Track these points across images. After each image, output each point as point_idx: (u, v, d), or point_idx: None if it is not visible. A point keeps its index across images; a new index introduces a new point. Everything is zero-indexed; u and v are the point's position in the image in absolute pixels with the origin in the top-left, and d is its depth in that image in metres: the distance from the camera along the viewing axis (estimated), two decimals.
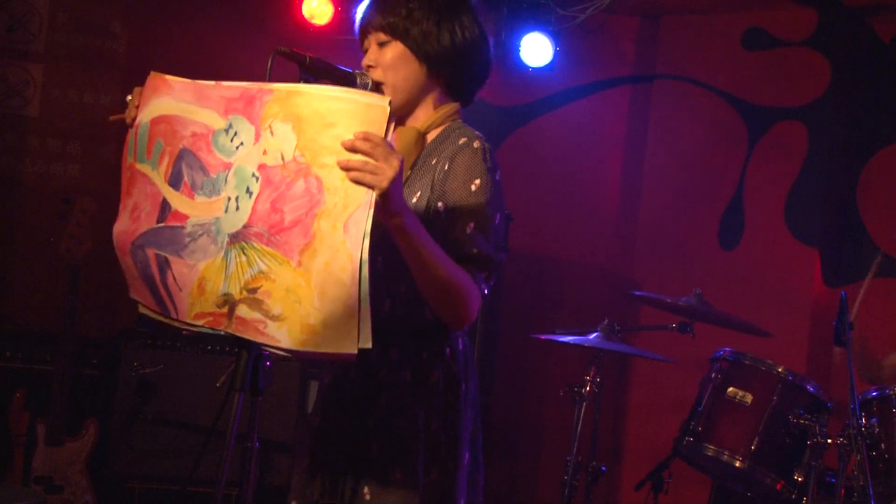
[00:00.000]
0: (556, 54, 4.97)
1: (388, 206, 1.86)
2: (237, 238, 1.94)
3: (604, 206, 5.43)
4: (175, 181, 2.03)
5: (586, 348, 4.00)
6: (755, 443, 3.76)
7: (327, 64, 2.13)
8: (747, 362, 3.89)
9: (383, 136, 1.84)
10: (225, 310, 1.94)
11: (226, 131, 1.98)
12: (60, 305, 4.05)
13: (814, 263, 4.92)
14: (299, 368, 4.32)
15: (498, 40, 4.82)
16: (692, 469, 4.16)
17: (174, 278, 2.01)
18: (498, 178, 2.17)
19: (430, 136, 2.26)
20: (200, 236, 1.98)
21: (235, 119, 1.97)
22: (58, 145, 4.84)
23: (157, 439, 4.21)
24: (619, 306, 5.09)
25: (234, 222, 1.94)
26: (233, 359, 1.99)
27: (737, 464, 3.77)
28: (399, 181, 1.85)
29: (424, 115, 2.26)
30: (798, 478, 3.70)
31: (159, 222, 2.04)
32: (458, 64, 2.24)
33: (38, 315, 4.61)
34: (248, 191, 1.93)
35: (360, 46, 2.28)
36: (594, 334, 4.02)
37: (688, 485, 4.48)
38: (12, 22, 4.79)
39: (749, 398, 3.81)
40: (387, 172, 1.82)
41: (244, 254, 1.92)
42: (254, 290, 1.90)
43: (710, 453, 3.83)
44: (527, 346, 4.97)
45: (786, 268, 4.97)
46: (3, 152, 4.79)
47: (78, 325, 4.03)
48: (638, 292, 4.49)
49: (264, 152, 1.92)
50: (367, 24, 2.23)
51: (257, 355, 1.98)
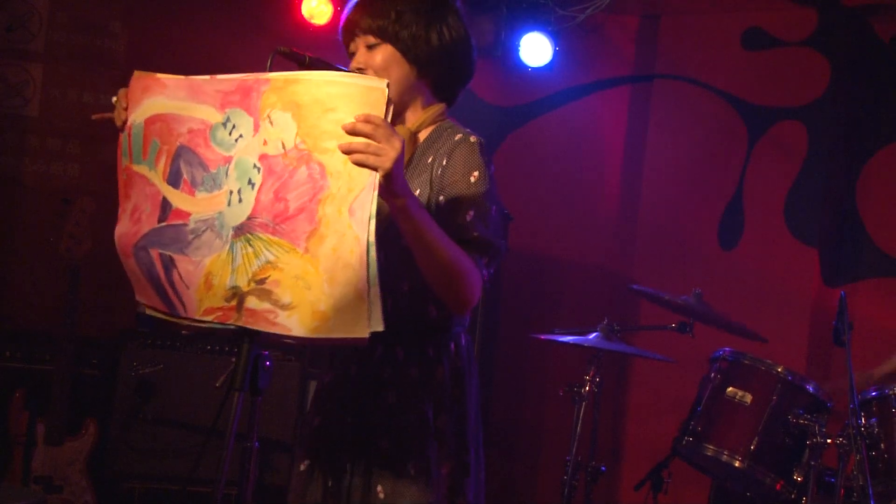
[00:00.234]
0: (555, 54, 4.97)
1: (392, 187, 1.87)
2: (242, 230, 1.94)
3: (603, 206, 5.42)
4: (174, 179, 2.03)
5: (586, 348, 4.00)
6: (755, 443, 3.75)
7: (327, 63, 2.14)
8: (747, 362, 3.88)
9: (384, 118, 1.85)
10: (234, 303, 1.94)
11: (223, 125, 1.98)
12: (60, 305, 4.06)
13: (813, 263, 4.92)
14: (299, 368, 4.32)
15: (497, 40, 4.82)
16: (692, 469, 4.16)
17: (180, 276, 2.01)
18: (492, 171, 2.20)
19: (422, 136, 2.27)
20: (204, 232, 1.99)
21: (233, 112, 1.97)
22: (57, 145, 4.84)
23: (156, 439, 4.21)
24: (619, 306, 5.09)
25: (238, 215, 1.95)
26: (232, 358, 1.99)
27: (736, 464, 3.76)
28: (401, 162, 1.86)
29: (413, 116, 2.28)
30: (797, 478, 3.70)
31: (161, 222, 2.04)
32: (445, 65, 2.26)
33: (38, 315, 4.61)
34: (250, 182, 1.94)
35: (344, 48, 2.28)
36: (594, 334, 4.02)
37: (687, 485, 4.48)
38: (12, 21, 4.79)
39: (748, 398, 3.81)
40: (389, 153, 1.83)
41: (250, 245, 1.93)
42: (262, 281, 1.91)
43: (709, 453, 3.83)
44: (526, 346, 4.97)
45: (785, 267, 4.97)
46: (2, 152, 4.79)
47: (78, 325, 4.03)
48: (637, 286, 4.48)
49: (264, 142, 1.93)
50: (355, 26, 2.22)
51: (257, 355, 1.98)
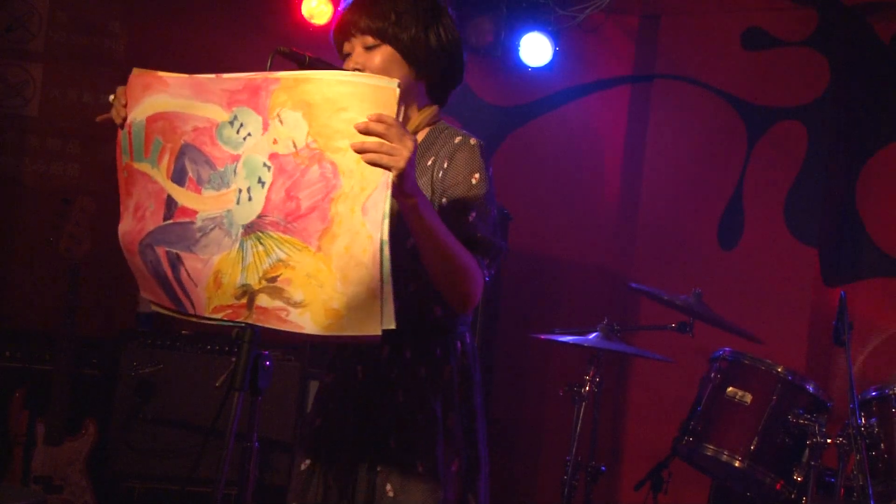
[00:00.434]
0: (555, 54, 4.97)
1: (404, 187, 1.88)
2: (252, 228, 1.95)
3: (603, 206, 5.42)
4: (179, 177, 2.03)
5: (586, 348, 4.00)
6: (754, 442, 3.76)
7: (327, 63, 2.14)
8: (747, 362, 3.89)
9: (396, 118, 1.86)
10: (244, 301, 1.95)
11: (230, 123, 1.98)
12: (60, 305, 4.05)
13: (813, 263, 4.92)
14: (299, 368, 4.32)
15: (497, 40, 4.82)
16: (691, 469, 4.16)
17: (188, 274, 2.01)
18: (491, 173, 2.23)
19: (419, 137, 2.28)
20: (212, 230, 1.99)
21: (240, 111, 1.97)
22: (57, 145, 4.84)
23: (156, 439, 4.21)
24: (619, 306, 5.09)
25: (248, 213, 1.95)
26: (232, 358, 1.99)
27: (736, 463, 3.76)
28: (413, 161, 1.88)
29: (410, 118, 2.29)
30: (797, 477, 3.70)
31: (166, 219, 2.04)
32: (442, 66, 2.27)
33: (38, 315, 4.61)
34: (260, 181, 1.94)
35: (337, 48, 2.28)
36: (593, 334, 4.02)
37: (687, 484, 4.48)
38: (12, 21, 4.79)
39: (748, 398, 3.81)
40: (402, 153, 1.84)
41: (261, 243, 1.94)
42: (273, 279, 1.92)
43: (709, 453, 3.83)
44: (526, 346, 4.97)
45: (785, 267, 4.97)
46: (2, 152, 4.79)
47: (77, 325, 4.03)
48: (636, 284, 4.48)
49: (274, 141, 1.93)
50: (352, 26, 2.22)
51: (257, 355, 1.98)
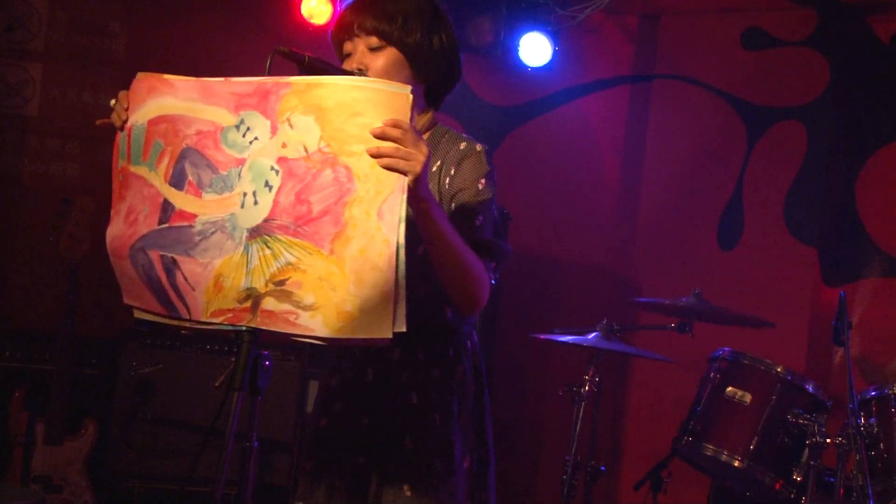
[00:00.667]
0: (555, 54, 4.97)
1: (418, 192, 1.90)
2: (258, 232, 1.94)
3: (603, 206, 5.42)
4: (177, 181, 2.02)
5: (585, 348, 4.00)
6: (754, 442, 3.76)
7: (326, 63, 2.13)
8: (746, 362, 3.89)
9: (410, 123, 1.87)
10: (247, 304, 1.95)
11: (237, 127, 1.97)
12: (60, 305, 4.06)
13: (813, 263, 4.92)
14: (299, 368, 4.32)
15: (497, 40, 4.81)
16: (691, 469, 4.16)
17: (185, 278, 2.00)
18: (496, 176, 2.26)
19: None
20: (213, 234, 1.98)
21: (248, 114, 1.96)
22: (57, 145, 4.84)
23: (156, 439, 4.21)
24: (619, 306, 5.09)
25: (254, 217, 1.95)
26: (232, 358, 1.99)
27: (736, 463, 3.77)
28: (428, 167, 1.89)
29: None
30: (797, 477, 3.70)
31: (161, 223, 2.03)
32: (443, 71, 2.28)
33: (38, 315, 4.61)
34: (266, 184, 1.94)
35: (336, 46, 2.27)
36: (593, 334, 4.02)
37: (687, 484, 4.48)
38: (11, 21, 4.79)
39: (748, 398, 3.81)
40: (418, 158, 1.86)
41: (268, 247, 1.93)
42: (281, 283, 1.92)
43: (708, 453, 3.83)
44: (526, 346, 4.97)
45: (785, 267, 4.97)
46: (2, 152, 4.79)
47: (77, 325, 4.04)
48: (640, 298, 4.50)
49: (283, 145, 1.93)
50: (356, 26, 2.21)
51: (256, 355, 1.97)
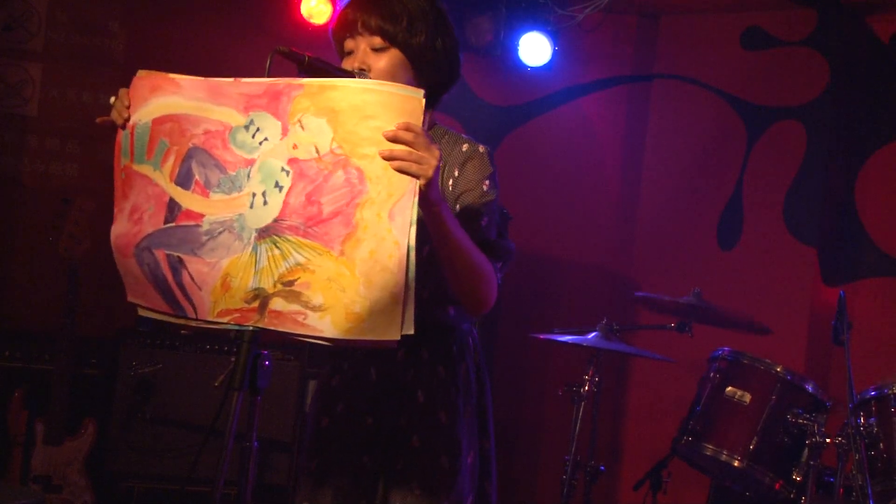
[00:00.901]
0: (554, 54, 4.97)
1: (430, 195, 1.91)
2: (267, 232, 1.95)
3: (602, 206, 5.42)
4: (184, 180, 2.02)
5: (585, 348, 4.00)
6: (754, 442, 3.76)
7: (326, 63, 2.13)
8: (746, 362, 3.89)
9: (422, 126, 1.88)
10: (255, 304, 1.95)
11: (246, 128, 1.97)
12: (59, 305, 4.05)
13: (812, 263, 4.92)
14: (298, 368, 4.32)
15: (496, 40, 4.81)
16: (691, 468, 4.16)
17: (192, 278, 2.00)
18: (497, 177, 2.27)
19: None
20: (220, 233, 1.98)
21: (258, 115, 1.97)
22: (56, 145, 4.83)
23: (155, 438, 4.21)
24: (618, 306, 5.09)
25: (263, 217, 1.95)
26: (231, 358, 1.99)
27: (735, 463, 3.77)
28: (439, 170, 1.90)
29: None
30: (796, 477, 3.70)
31: (168, 223, 2.03)
32: (444, 72, 2.28)
33: (37, 314, 4.61)
34: (277, 185, 1.94)
35: (337, 43, 2.27)
36: (593, 334, 4.03)
37: (686, 484, 4.48)
38: (11, 21, 4.79)
39: (747, 397, 3.81)
40: (430, 161, 1.87)
41: (277, 247, 1.94)
42: (290, 283, 1.92)
43: (708, 453, 3.83)
44: (526, 346, 4.97)
45: (784, 267, 4.97)
46: (1, 152, 4.79)
47: (77, 325, 4.03)
48: (639, 293, 4.50)
49: (294, 146, 1.94)
50: (360, 25, 2.21)
51: (256, 354, 1.97)
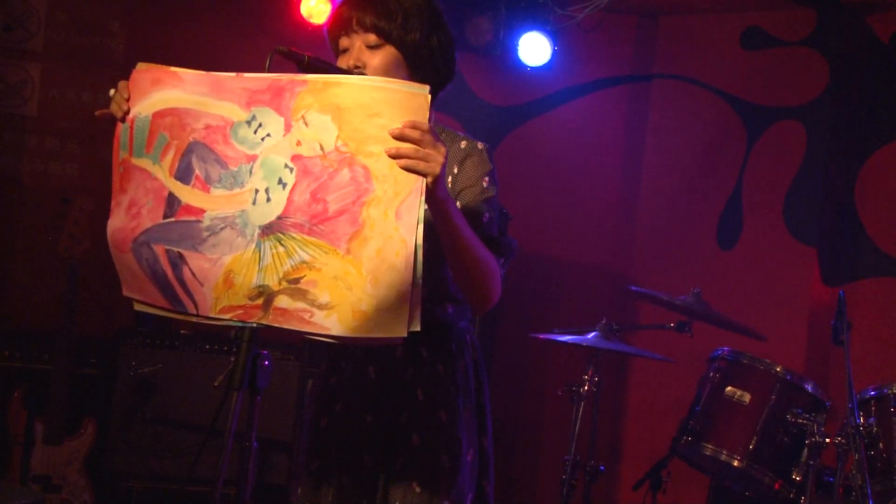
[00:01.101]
0: (554, 54, 4.97)
1: (436, 193, 1.90)
2: (271, 229, 1.94)
3: (602, 206, 5.42)
4: (183, 175, 2.00)
5: (584, 347, 4.00)
6: (753, 442, 3.76)
7: (326, 63, 2.12)
8: (745, 361, 3.89)
9: (428, 124, 1.87)
10: (259, 302, 1.94)
11: (248, 123, 1.96)
12: (59, 305, 4.06)
13: (812, 262, 4.92)
14: (298, 368, 4.32)
15: (496, 40, 4.81)
16: (690, 468, 4.16)
17: (193, 274, 1.99)
18: (496, 174, 2.28)
19: None
20: (222, 230, 1.97)
21: (260, 111, 1.95)
22: (56, 144, 4.83)
23: (155, 438, 4.22)
24: (618, 305, 5.09)
25: (266, 214, 1.94)
26: (231, 358, 1.98)
27: (735, 463, 3.77)
28: (445, 168, 1.90)
29: None
30: (796, 477, 3.70)
31: (167, 217, 2.01)
32: (439, 70, 2.28)
33: (37, 314, 4.61)
34: (280, 182, 1.93)
35: (332, 42, 2.26)
36: (592, 334, 4.02)
37: (686, 484, 4.48)
38: (10, 21, 4.79)
39: (747, 397, 3.81)
40: (437, 159, 1.87)
41: (281, 245, 1.93)
42: (296, 281, 1.91)
43: (708, 452, 3.83)
44: (525, 346, 4.97)
45: (784, 267, 4.97)
46: (1, 152, 4.79)
47: (76, 325, 4.04)
48: (635, 287, 4.49)
49: (298, 143, 1.92)
50: (355, 22, 2.20)
51: (256, 354, 1.97)
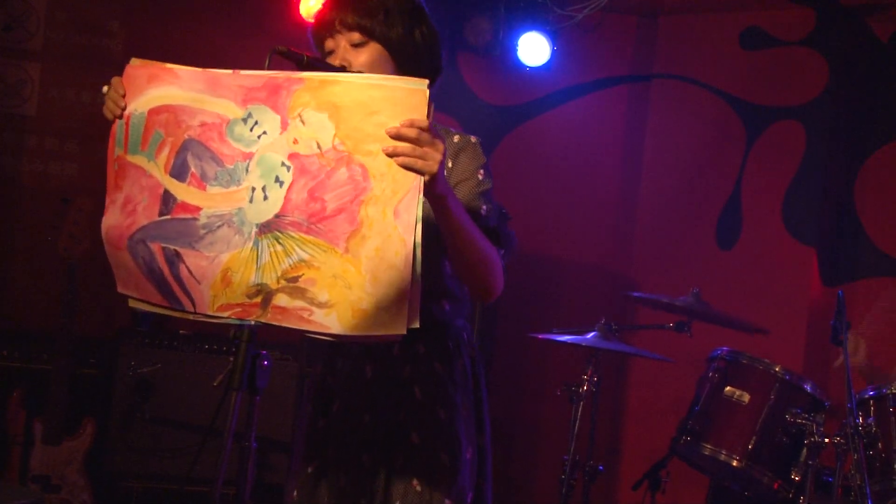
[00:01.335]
0: (553, 53, 4.97)
1: (435, 189, 1.90)
2: (269, 228, 1.93)
3: (601, 206, 5.42)
4: (179, 172, 2.00)
5: (584, 347, 4.00)
6: (752, 442, 3.76)
7: (325, 63, 2.13)
8: (744, 361, 3.89)
9: (427, 121, 1.86)
10: (258, 300, 1.94)
11: (244, 121, 1.96)
12: (58, 305, 4.05)
13: (811, 262, 4.92)
14: (297, 367, 4.32)
15: (495, 40, 4.81)
16: (690, 468, 4.16)
17: (189, 271, 1.99)
18: (490, 167, 2.29)
19: None
20: (219, 227, 1.97)
21: (256, 108, 1.95)
22: (55, 144, 4.83)
23: (154, 438, 4.21)
24: (617, 305, 5.09)
25: (263, 212, 1.94)
26: (230, 358, 1.98)
27: (734, 463, 3.77)
28: (444, 164, 1.90)
29: None
30: (795, 477, 3.70)
31: (162, 215, 2.01)
32: (425, 64, 2.27)
33: (36, 314, 4.61)
34: (277, 180, 1.93)
35: (317, 45, 2.26)
36: (591, 333, 4.02)
37: (685, 484, 4.48)
38: (10, 20, 4.78)
39: (746, 397, 3.81)
40: (435, 156, 1.86)
41: (279, 243, 1.93)
42: (294, 279, 1.91)
43: (707, 452, 3.83)
44: (524, 346, 4.97)
45: (783, 267, 4.97)
46: (0, 152, 4.79)
47: (76, 325, 4.03)
48: (636, 293, 4.50)
49: (294, 141, 1.92)
50: (338, 23, 2.20)
51: (255, 354, 1.97)
